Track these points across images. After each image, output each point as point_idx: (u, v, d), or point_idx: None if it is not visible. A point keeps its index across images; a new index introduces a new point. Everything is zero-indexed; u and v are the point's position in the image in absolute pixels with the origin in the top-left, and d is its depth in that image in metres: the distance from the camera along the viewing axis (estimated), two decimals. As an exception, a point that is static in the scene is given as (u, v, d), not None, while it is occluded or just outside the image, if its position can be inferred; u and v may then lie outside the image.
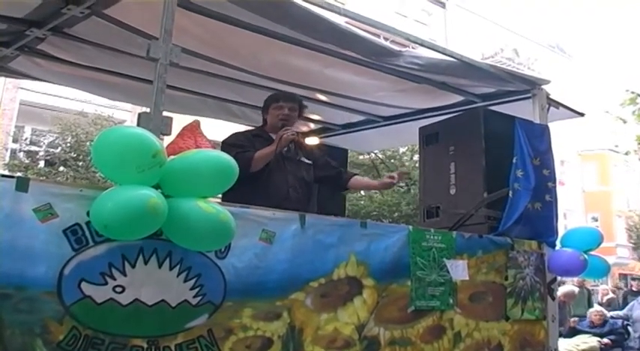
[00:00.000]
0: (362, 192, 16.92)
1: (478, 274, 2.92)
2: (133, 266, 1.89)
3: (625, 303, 7.97)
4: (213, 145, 2.37)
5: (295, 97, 3.13)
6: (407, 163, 16.51)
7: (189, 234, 1.88)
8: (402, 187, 16.30)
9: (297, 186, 3.02)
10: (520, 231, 3.15)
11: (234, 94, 4.07)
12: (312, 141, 4.56)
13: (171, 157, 1.94)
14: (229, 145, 3.00)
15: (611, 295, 9.33)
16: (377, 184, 3.12)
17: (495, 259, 3.02)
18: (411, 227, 2.78)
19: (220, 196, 2.79)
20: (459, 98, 3.88)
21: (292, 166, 3.05)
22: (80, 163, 10.19)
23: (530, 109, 3.51)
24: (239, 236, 2.11)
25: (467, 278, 2.83)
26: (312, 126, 4.82)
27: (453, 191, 3.54)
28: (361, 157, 17.03)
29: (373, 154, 18.46)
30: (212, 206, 1.91)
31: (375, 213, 15.77)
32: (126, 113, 11.10)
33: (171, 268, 1.97)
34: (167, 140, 2.33)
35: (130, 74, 3.57)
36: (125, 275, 1.88)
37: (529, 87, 3.51)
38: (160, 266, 1.94)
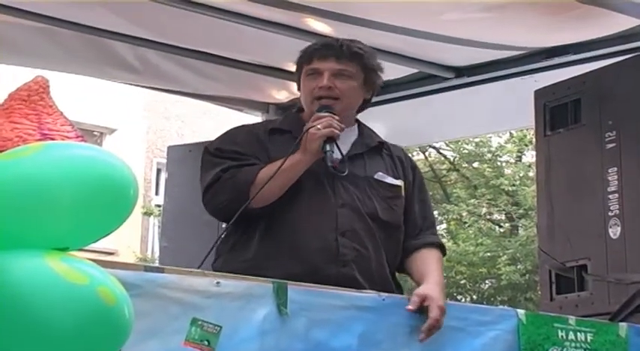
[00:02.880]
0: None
1: None
2: None
3: None
4: (81, 133, 2.35)
5: (345, 45, 3.20)
6: (507, 171, 16.63)
7: (27, 331, 1.84)
8: (499, 224, 16.29)
9: (359, 231, 3.06)
10: None
11: (127, 20, 4.11)
12: None
13: (-14, 160, 1.92)
14: (211, 154, 3.13)
15: None
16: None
17: None
18: (522, 312, 2.82)
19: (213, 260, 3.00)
20: (623, 24, 3.90)
21: (352, 192, 3.10)
22: None
23: None
24: (141, 334, 2.12)
25: None
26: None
27: (615, 231, 3.56)
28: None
29: (433, 151, 18.56)
30: (79, 269, 1.88)
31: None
32: None
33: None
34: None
35: None
36: None
37: None
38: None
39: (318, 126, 2.96)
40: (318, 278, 2.72)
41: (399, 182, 3.18)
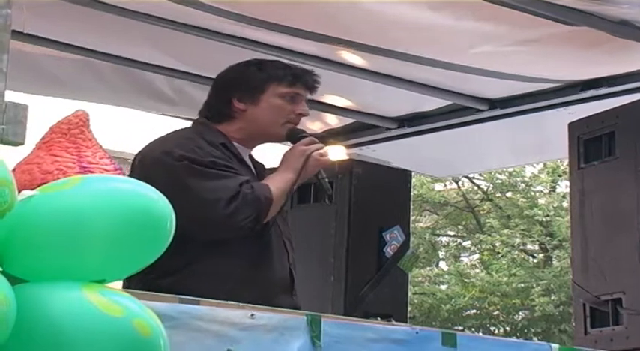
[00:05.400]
0: (444, 266, 16.85)
1: None
2: None
3: None
4: (119, 166, 2.37)
5: (318, 77, 3.27)
6: (541, 202, 16.54)
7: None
8: (533, 254, 16.20)
9: (295, 265, 3.17)
10: None
11: (164, 53, 4.16)
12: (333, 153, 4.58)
13: (26, 193, 1.95)
14: (204, 165, 2.97)
15: None
16: None
17: None
18: (556, 347, 2.81)
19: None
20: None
21: (283, 224, 3.18)
22: None
23: None
24: (175, 368, 2.11)
25: None
26: (334, 121, 4.92)
27: (650, 265, 3.52)
28: (440, 186, 17.20)
29: (466, 181, 18.39)
30: (116, 301, 1.90)
31: (474, 311, 15.62)
32: None
33: None
34: (15, 155, 2.32)
35: None
36: None
37: None
38: None
39: (321, 151, 3.04)
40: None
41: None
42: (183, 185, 2.93)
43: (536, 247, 16.69)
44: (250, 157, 3.23)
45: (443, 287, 16.15)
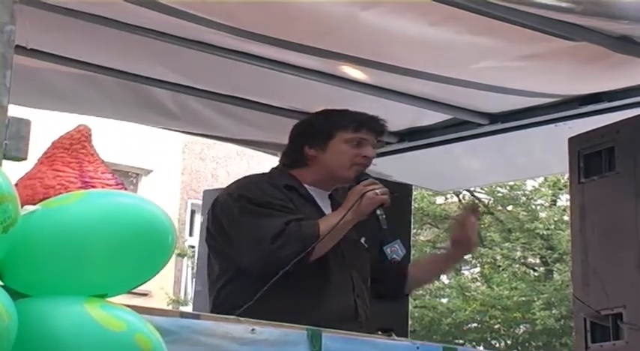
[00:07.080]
0: (445, 279, 16.87)
1: None
2: None
3: None
4: (121, 180, 2.37)
5: (384, 121, 3.56)
6: (542, 215, 16.51)
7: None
8: (534, 268, 16.20)
9: (364, 294, 3.34)
10: None
11: (166, 67, 4.18)
12: None
13: (28, 208, 1.95)
14: (257, 204, 3.25)
15: None
16: (442, 259, 3.56)
17: None
18: None
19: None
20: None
21: (352, 255, 3.36)
22: None
23: None
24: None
25: None
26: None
27: (651, 279, 3.52)
28: (441, 199, 17.17)
29: (467, 194, 18.33)
30: (117, 316, 1.90)
31: (475, 325, 15.59)
32: None
33: None
34: (18, 170, 2.33)
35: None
36: None
37: None
38: None
39: (377, 191, 3.20)
40: None
41: (365, 244, 3.45)
42: (237, 222, 3.23)
43: (537, 261, 16.65)
44: (331, 196, 3.47)
45: (444, 301, 16.12)
